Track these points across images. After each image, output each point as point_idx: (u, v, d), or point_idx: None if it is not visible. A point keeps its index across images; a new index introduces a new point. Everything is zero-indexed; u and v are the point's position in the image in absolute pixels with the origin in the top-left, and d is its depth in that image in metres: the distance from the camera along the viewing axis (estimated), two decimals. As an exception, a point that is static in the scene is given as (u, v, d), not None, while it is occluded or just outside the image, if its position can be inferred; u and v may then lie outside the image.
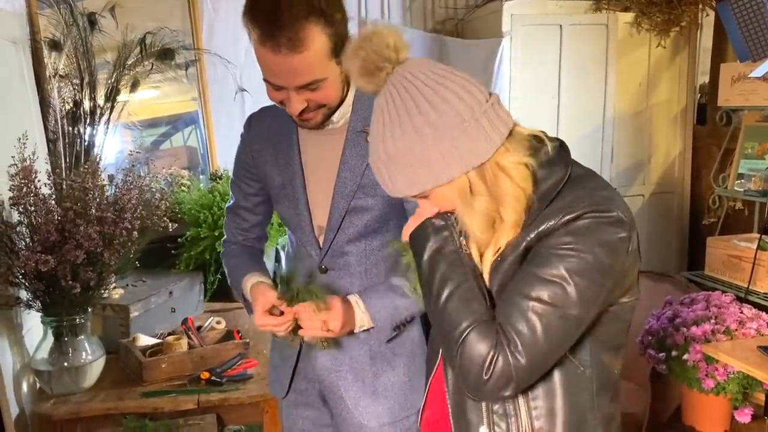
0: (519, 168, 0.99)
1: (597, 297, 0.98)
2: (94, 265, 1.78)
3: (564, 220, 0.97)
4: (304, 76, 1.23)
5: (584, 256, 0.95)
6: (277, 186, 1.47)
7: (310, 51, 1.20)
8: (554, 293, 0.95)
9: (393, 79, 0.98)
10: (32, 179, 1.75)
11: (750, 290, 2.52)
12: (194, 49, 2.90)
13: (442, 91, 0.96)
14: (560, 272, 0.95)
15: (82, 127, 2.48)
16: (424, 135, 0.95)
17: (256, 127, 1.52)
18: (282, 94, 1.28)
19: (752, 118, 2.89)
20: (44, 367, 1.87)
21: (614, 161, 3.22)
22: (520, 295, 0.97)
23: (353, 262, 1.45)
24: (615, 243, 0.97)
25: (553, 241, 0.98)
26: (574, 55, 3.07)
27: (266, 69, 1.25)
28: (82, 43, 2.46)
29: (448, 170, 0.97)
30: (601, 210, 0.97)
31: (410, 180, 0.98)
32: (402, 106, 0.96)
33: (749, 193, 2.80)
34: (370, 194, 1.40)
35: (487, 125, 0.96)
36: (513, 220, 1.00)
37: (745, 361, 1.97)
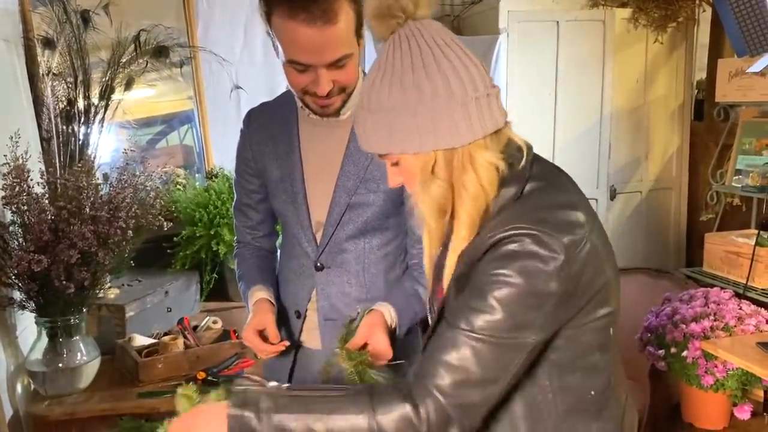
0: (489, 168, 0.96)
1: (534, 322, 0.93)
2: (88, 265, 1.77)
3: (490, 243, 0.93)
4: (336, 50, 1.22)
5: (512, 281, 0.91)
6: (274, 180, 1.45)
7: (342, 23, 1.21)
8: (485, 322, 0.92)
9: (403, 31, 0.95)
10: (24, 178, 1.73)
11: (748, 286, 2.51)
12: (189, 46, 2.88)
13: (445, 62, 0.93)
14: (489, 301, 0.92)
15: (77, 126, 2.46)
16: (408, 97, 0.92)
17: (256, 121, 1.50)
18: (308, 77, 1.26)
19: (750, 114, 2.88)
20: (39, 368, 1.86)
21: (612, 157, 3.21)
22: (451, 327, 0.94)
23: (351, 260, 1.43)
24: (545, 268, 0.91)
25: (481, 267, 0.94)
26: (571, 52, 3.06)
27: (296, 47, 1.23)
28: (75, 40, 2.44)
29: (418, 141, 0.94)
30: (529, 233, 0.91)
31: (382, 138, 0.96)
32: (399, 61, 0.94)
33: (747, 189, 2.79)
34: (372, 189, 1.39)
35: (475, 113, 0.94)
36: (468, 218, 0.96)
37: (744, 357, 1.97)
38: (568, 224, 0.94)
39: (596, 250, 0.96)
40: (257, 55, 3.03)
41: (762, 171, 2.71)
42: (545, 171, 1.03)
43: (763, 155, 2.75)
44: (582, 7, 3.08)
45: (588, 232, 0.96)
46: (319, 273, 1.45)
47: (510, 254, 0.92)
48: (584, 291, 0.96)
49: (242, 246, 1.60)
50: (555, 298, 0.93)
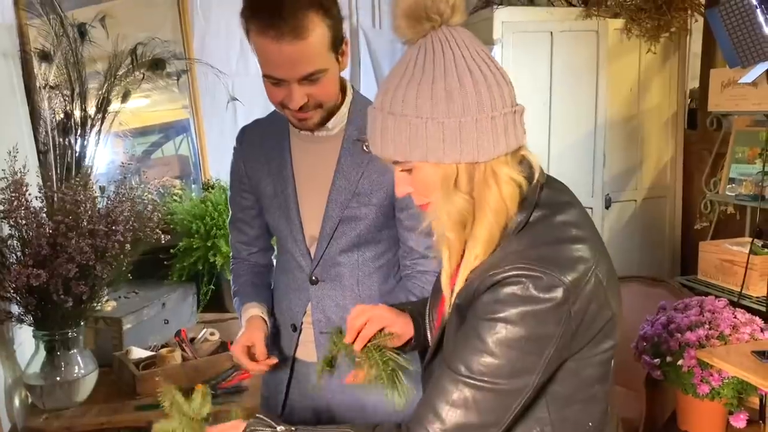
0: (511, 184, 0.93)
1: (533, 366, 0.90)
2: (86, 279, 1.77)
3: (488, 283, 0.91)
4: (307, 65, 1.24)
5: (513, 327, 0.88)
6: (268, 196, 1.47)
7: (312, 39, 1.22)
8: (484, 367, 0.89)
9: (436, 36, 0.92)
10: (23, 192, 1.73)
11: (743, 294, 2.53)
12: (185, 58, 2.89)
13: (478, 73, 0.90)
14: (489, 346, 0.89)
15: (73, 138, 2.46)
16: (437, 104, 0.89)
17: (249, 138, 1.52)
18: (282, 91, 1.28)
19: (742, 123, 2.90)
20: (36, 381, 1.85)
21: (606, 166, 3.23)
22: (450, 371, 0.93)
23: (345, 273, 1.44)
24: (546, 311, 0.88)
25: (481, 306, 0.92)
26: (565, 62, 3.09)
27: (268, 61, 1.25)
28: (72, 54, 2.44)
29: (441, 151, 0.90)
30: (531, 275, 0.88)
31: (401, 143, 0.92)
32: (431, 66, 0.90)
33: (740, 198, 2.81)
34: (363, 203, 1.39)
35: (501, 129, 0.91)
36: (487, 234, 0.94)
37: (740, 366, 1.98)
38: (572, 261, 0.91)
39: (601, 284, 0.94)
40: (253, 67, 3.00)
41: (755, 180, 2.73)
42: (553, 197, 1.00)
43: (756, 164, 2.77)
44: (575, 18, 3.10)
45: (593, 266, 0.93)
46: (314, 287, 1.45)
47: (511, 298, 0.89)
48: (588, 327, 0.94)
49: (238, 262, 1.62)
50: (556, 340, 0.90)
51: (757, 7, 2.15)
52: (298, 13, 1.20)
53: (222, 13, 2.97)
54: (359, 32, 3.20)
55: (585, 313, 0.92)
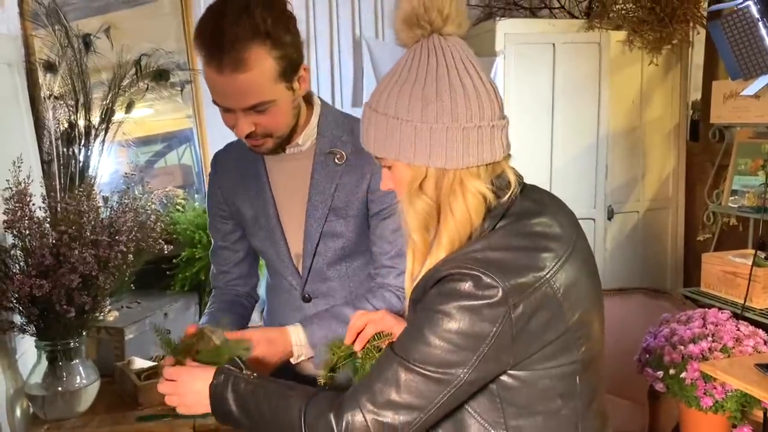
0: (477, 196, 0.97)
1: (465, 361, 0.93)
2: (89, 289, 1.77)
3: (435, 278, 0.96)
4: (250, 97, 1.23)
5: (448, 319, 0.93)
6: (250, 219, 1.46)
7: (255, 71, 1.20)
8: (419, 354, 0.95)
9: (426, 43, 0.96)
10: (27, 203, 1.74)
11: (746, 307, 2.52)
12: (189, 69, 2.90)
13: (458, 84, 0.94)
14: (425, 335, 0.94)
15: (77, 148, 2.47)
16: (414, 108, 0.94)
17: (222, 164, 1.52)
18: (231, 117, 1.28)
19: (745, 135, 2.91)
20: (38, 391, 1.85)
21: (609, 178, 3.24)
22: (391, 352, 0.99)
23: (337, 287, 1.43)
24: (482, 307, 0.92)
25: (428, 299, 0.97)
26: (567, 73, 3.10)
27: (213, 90, 1.26)
28: (77, 64, 2.46)
29: (413, 154, 0.95)
30: (470, 273, 0.92)
31: (380, 140, 0.98)
32: (415, 71, 0.95)
33: (743, 210, 2.81)
34: (341, 216, 1.39)
35: (473, 141, 0.94)
36: (449, 242, 0.98)
37: (743, 379, 1.97)
38: (520, 267, 0.94)
39: (554, 296, 0.95)
40: (256, 78, 3.05)
41: (758, 192, 2.73)
42: (526, 207, 1.01)
43: (759, 176, 2.77)
44: (578, 30, 3.12)
45: (546, 276, 0.95)
46: (308, 304, 1.45)
47: (451, 292, 0.94)
48: (534, 336, 0.95)
49: (214, 292, 1.61)
50: (491, 340, 0.93)
51: (760, 20, 2.16)
52: (238, 44, 1.18)
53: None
54: (362, 43, 3.22)
55: (529, 319, 0.94)
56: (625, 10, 3.14)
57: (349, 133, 1.39)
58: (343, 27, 3.25)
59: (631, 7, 3.13)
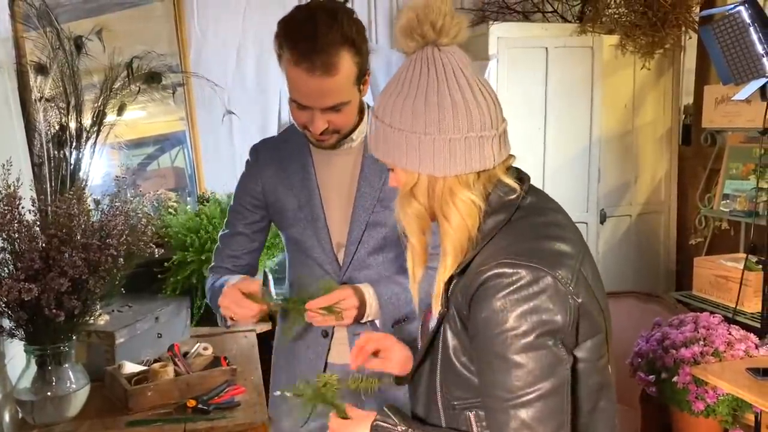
0: (468, 204, 0.99)
1: (560, 354, 0.93)
2: (78, 293, 1.75)
3: (477, 282, 0.95)
4: (332, 98, 1.34)
5: (518, 331, 0.91)
6: (291, 209, 1.52)
7: (341, 75, 1.31)
8: (518, 380, 0.92)
9: (422, 54, 0.99)
10: (16, 206, 1.72)
11: (738, 310, 2.53)
12: (181, 72, 2.90)
13: (447, 96, 0.97)
14: (510, 359, 0.92)
15: (68, 151, 2.46)
16: (406, 118, 0.98)
17: (265, 155, 1.57)
18: (306, 115, 1.37)
19: (736, 139, 2.92)
20: (27, 396, 1.83)
21: (601, 181, 3.24)
22: (493, 402, 0.94)
23: (373, 276, 1.50)
24: (540, 300, 0.92)
25: (482, 325, 0.94)
26: (560, 77, 3.11)
27: (297, 90, 1.34)
28: (68, 66, 2.45)
29: (404, 159, 0.99)
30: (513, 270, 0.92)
31: (381, 146, 1.02)
32: (409, 82, 0.98)
33: (735, 214, 2.82)
34: (386, 206, 1.47)
35: (460, 151, 0.97)
36: (452, 249, 1.00)
37: (734, 383, 1.98)
38: (557, 254, 0.96)
39: (587, 282, 0.98)
40: (249, 81, 3.05)
41: (749, 196, 2.74)
42: (537, 203, 1.05)
43: (750, 180, 2.78)
44: (570, 34, 3.12)
45: (578, 263, 0.98)
46: None
47: (503, 301, 0.92)
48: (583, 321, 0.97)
49: (217, 269, 1.63)
50: (564, 324, 0.93)
51: (750, 25, 2.17)
52: (331, 49, 1.28)
53: (219, 27, 2.98)
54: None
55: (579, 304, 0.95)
56: (618, 14, 3.15)
57: None
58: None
59: (623, 11, 3.15)
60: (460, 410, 1.03)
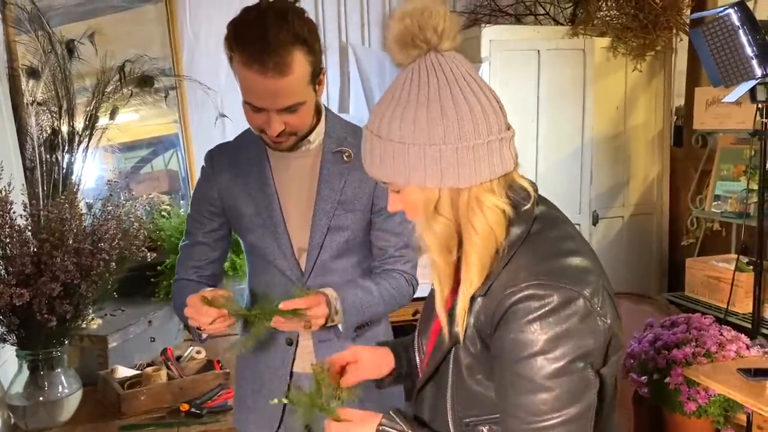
0: (496, 211, 0.93)
1: (588, 381, 0.91)
2: (70, 298, 1.75)
3: (506, 304, 0.91)
4: (287, 98, 1.30)
5: (550, 355, 0.89)
6: (248, 215, 1.48)
7: (295, 75, 1.28)
8: (544, 404, 0.89)
9: (423, 62, 0.93)
10: (7, 210, 1.72)
11: (729, 311, 2.54)
12: (174, 75, 2.89)
13: (462, 102, 0.91)
14: (538, 383, 0.89)
15: (60, 155, 2.45)
16: (420, 131, 0.90)
17: (220, 160, 1.53)
18: (261, 117, 1.34)
19: (727, 141, 2.94)
20: (19, 401, 1.83)
21: (593, 183, 3.26)
22: (515, 423, 0.92)
23: (337, 282, 1.46)
24: (574, 323, 0.89)
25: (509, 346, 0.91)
26: (552, 80, 3.12)
27: (250, 92, 1.31)
28: (60, 70, 2.44)
29: (423, 176, 0.92)
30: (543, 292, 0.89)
31: (387, 165, 0.94)
32: (416, 93, 0.91)
33: (726, 215, 2.84)
34: (349, 210, 1.45)
35: (484, 156, 0.91)
36: (478, 261, 0.94)
37: (726, 384, 1.99)
38: (581, 272, 0.93)
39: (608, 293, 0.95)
40: (242, 84, 3.04)
41: (740, 197, 2.76)
42: (547, 212, 1.01)
43: (741, 181, 2.80)
44: (562, 37, 3.14)
45: (599, 277, 0.95)
46: None
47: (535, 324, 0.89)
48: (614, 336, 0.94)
49: (181, 282, 1.56)
50: (595, 347, 0.91)
51: (740, 27, 2.18)
52: (282, 50, 1.25)
53: (211, 30, 2.98)
54: (348, 49, 3.22)
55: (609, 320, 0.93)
56: (609, 17, 3.17)
57: (353, 136, 1.48)
58: (329, 33, 3.25)
59: (614, 14, 3.16)
60: (472, 426, 1.00)
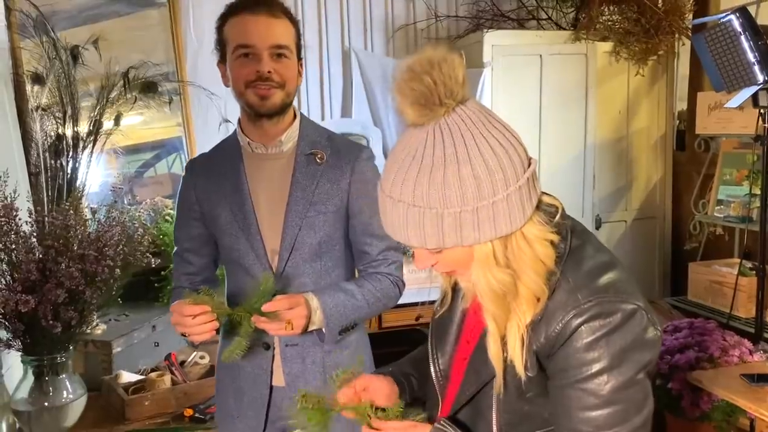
0: (544, 244, 0.92)
1: (647, 390, 0.92)
2: (75, 304, 1.76)
3: (573, 326, 0.90)
4: (277, 36, 1.40)
5: (616, 371, 0.89)
6: (225, 218, 1.50)
7: (283, 20, 1.42)
8: (611, 417, 0.90)
9: (449, 119, 0.87)
10: (12, 217, 1.73)
11: (732, 316, 2.54)
12: (178, 81, 2.91)
13: (498, 147, 0.87)
14: (604, 398, 0.89)
15: (65, 160, 2.46)
16: (467, 191, 0.85)
17: (198, 166, 1.57)
18: (251, 63, 1.39)
19: (729, 145, 2.94)
20: (24, 407, 1.83)
21: (596, 187, 3.26)
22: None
23: (309, 283, 1.47)
24: (639, 335, 0.90)
25: (574, 362, 0.90)
26: (554, 84, 3.12)
27: (242, 32, 1.40)
28: (65, 76, 2.45)
29: (476, 233, 0.87)
30: (610, 310, 0.89)
31: (431, 232, 0.87)
32: (453, 152, 0.85)
33: (729, 219, 2.84)
34: (321, 211, 1.46)
35: (525, 194, 0.89)
36: (530, 294, 0.92)
37: (728, 389, 1.99)
38: (629, 283, 0.93)
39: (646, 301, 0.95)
40: (246, 89, 3.05)
41: (743, 201, 2.76)
42: (577, 225, 1.00)
43: (744, 186, 2.80)
44: (564, 41, 3.14)
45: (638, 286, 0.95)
46: None
47: (600, 340, 0.89)
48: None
49: (177, 290, 1.58)
50: (653, 356, 0.92)
51: (742, 33, 2.19)
52: (273, 3, 1.42)
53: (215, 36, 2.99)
54: (351, 54, 3.23)
55: (659, 332, 0.94)
56: (612, 21, 3.17)
57: (326, 139, 1.52)
58: (332, 38, 3.27)
59: (617, 18, 3.17)
60: None
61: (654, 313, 0.94)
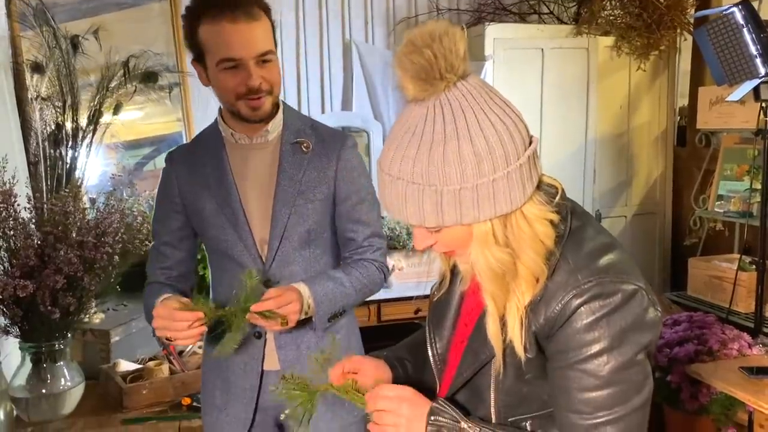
0: (544, 223, 0.91)
1: (647, 371, 0.91)
2: (74, 290, 1.76)
3: (572, 307, 0.89)
4: (260, 43, 1.37)
5: (616, 352, 0.88)
6: (210, 210, 1.47)
7: (263, 22, 1.38)
8: (611, 397, 0.89)
9: (450, 95, 0.85)
10: (11, 203, 1.73)
11: (731, 310, 2.54)
12: (178, 71, 2.90)
13: (500, 124, 0.85)
14: (604, 378, 0.89)
15: (64, 150, 2.46)
16: (467, 168, 0.84)
17: (180, 158, 1.54)
18: (239, 75, 1.36)
19: (731, 140, 2.93)
20: (22, 394, 1.84)
21: (596, 182, 3.26)
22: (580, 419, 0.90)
23: (299, 272, 1.46)
24: (640, 315, 0.89)
25: (574, 343, 0.89)
26: (555, 79, 3.12)
27: (224, 44, 1.35)
28: (65, 65, 2.45)
29: (476, 211, 0.86)
30: (605, 292, 0.88)
31: (430, 210, 0.87)
32: (453, 129, 0.84)
33: (729, 214, 2.83)
34: (309, 199, 1.45)
35: (526, 173, 0.87)
36: (530, 274, 0.91)
37: (727, 382, 1.99)
38: (630, 264, 0.92)
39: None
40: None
41: (743, 197, 2.76)
42: (577, 206, 0.99)
43: (744, 181, 2.80)
44: (566, 35, 3.14)
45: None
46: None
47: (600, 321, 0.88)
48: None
49: (152, 285, 1.55)
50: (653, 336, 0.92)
51: (744, 26, 2.18)
52: (247, 4, 1.36)
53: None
54: (352, 47, 3.23)
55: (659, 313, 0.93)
56: (613, 16, 3.17)
57: (310, 128, 1.51)
58: (332, 31, 3.26)
59: (618, 13, 3.16)
60: (517, 423, 0.99)
61: (654, 294, 0.93)
